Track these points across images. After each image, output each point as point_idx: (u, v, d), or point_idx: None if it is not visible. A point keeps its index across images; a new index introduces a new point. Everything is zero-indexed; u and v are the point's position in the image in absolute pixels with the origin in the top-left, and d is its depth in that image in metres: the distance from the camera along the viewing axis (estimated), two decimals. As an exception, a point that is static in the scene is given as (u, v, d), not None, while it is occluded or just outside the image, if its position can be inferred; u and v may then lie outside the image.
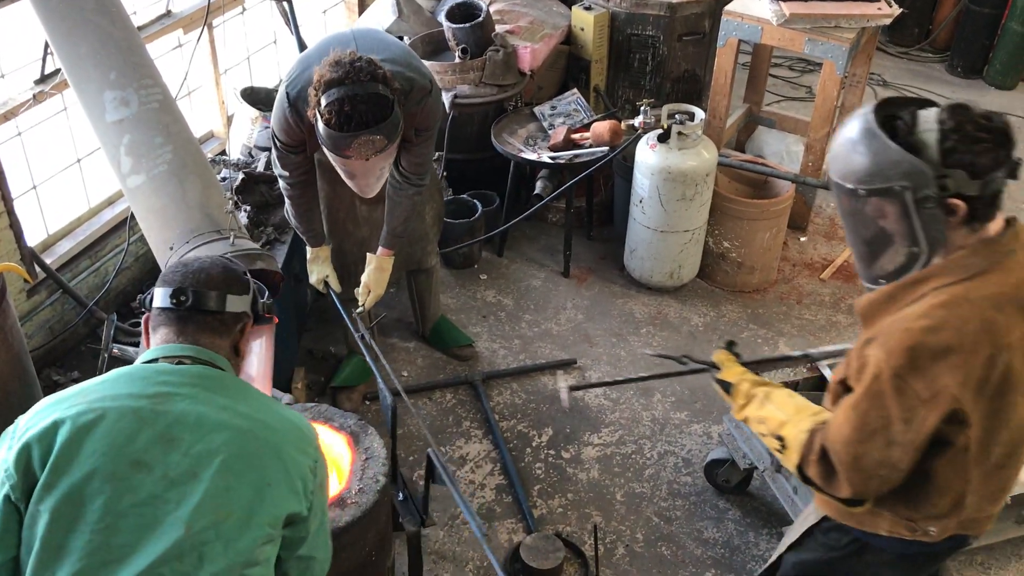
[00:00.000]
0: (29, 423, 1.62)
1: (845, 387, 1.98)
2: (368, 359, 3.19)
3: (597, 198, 5.03)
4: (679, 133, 4.21)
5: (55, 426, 1.58)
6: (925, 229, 1.83)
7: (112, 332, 3.93)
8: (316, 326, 4.33)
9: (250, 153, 4.42)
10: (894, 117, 1.84)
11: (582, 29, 5.15)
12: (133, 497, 1.55)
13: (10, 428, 1.66)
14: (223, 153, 4.68)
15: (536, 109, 4.82)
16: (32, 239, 3.86)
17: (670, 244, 4.46)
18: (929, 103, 1.89)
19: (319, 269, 3.50)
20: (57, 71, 3.52)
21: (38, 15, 2.77)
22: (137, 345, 4.02)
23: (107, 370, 3.84)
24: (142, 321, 1.81)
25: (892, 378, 1.81)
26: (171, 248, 2.54)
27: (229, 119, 4.75)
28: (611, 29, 5.20)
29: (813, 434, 2.00)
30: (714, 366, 2.44)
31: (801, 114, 5.92)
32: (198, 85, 4.58)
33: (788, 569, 2.41)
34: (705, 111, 5.17)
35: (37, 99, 3.62)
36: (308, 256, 3.50)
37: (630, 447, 3.82)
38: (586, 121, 4.73)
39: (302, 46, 4.63)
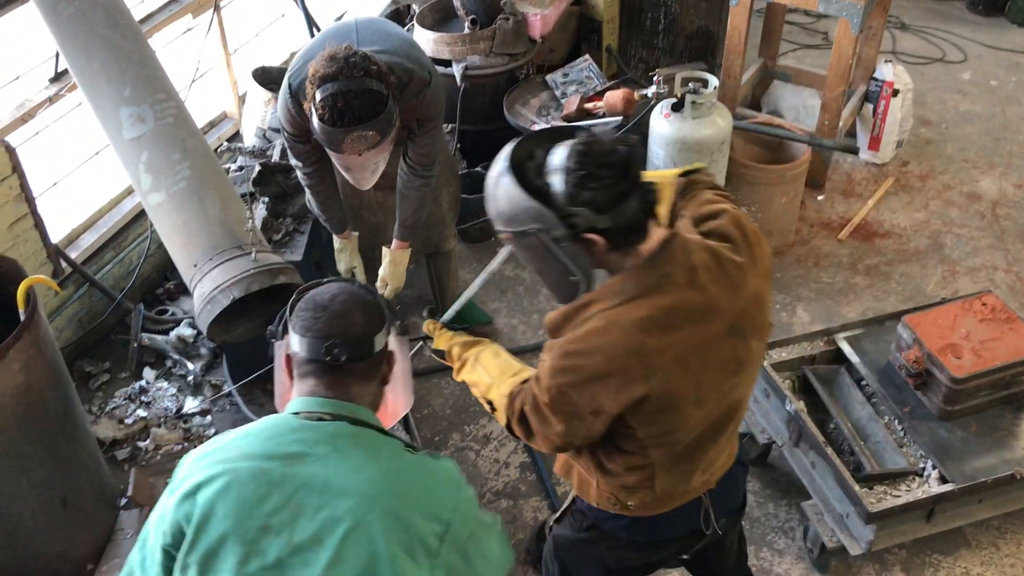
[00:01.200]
0: (182, 481, 1.67)
1: None
2: None
3: (612, 163, 5.02)
4: (693, 102, 4.18)
5: (197, 488, 1.63)
6: (574, 261, 1.91)
7: (140, 322, 4.02)
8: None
9: (265, 135, 4.44)
10: (530, 156, 1.91)
11: (592, -10, 5.09)
12: (261, 560, 1.59)
13: (175, 472, 1.73)
14: (237, 136, 4.71)
15: (548, 77, 4.79)
16: (56, 235, 3.92)
17: (686, 212, 4.46)
18: (570, 134, 1.95)
19: (347, 259, 3.55)
20: (70, 69, 3.55)
21: (51, 31, 2.78)
22: (166, 333, 4.11)
23: (138, 359, 3.95)
24: (283, 359, 1.81)
25: (556, 394, 1.94)
26: (195, 266, 2.59)
27: (241, 98, 4.75)
28: (622, -12, 5.13)
29: (513, 398, 2.11)
30: (428, 337, 2.51)
31: (817, 65, 5.85)
32: (209, 68, 4.58)
33: (550, 539, 2.55)
34: (719, 68, 5.12)
35: (53, 100, 3.65)
36: (336, 246, 3.55)
37: (651, 420, 3.89)
38: (599, 89, 4.70)
39: (311, 23, 4.61)
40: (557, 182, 1.84)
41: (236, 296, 2.51)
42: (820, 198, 5.07)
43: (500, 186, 1.93)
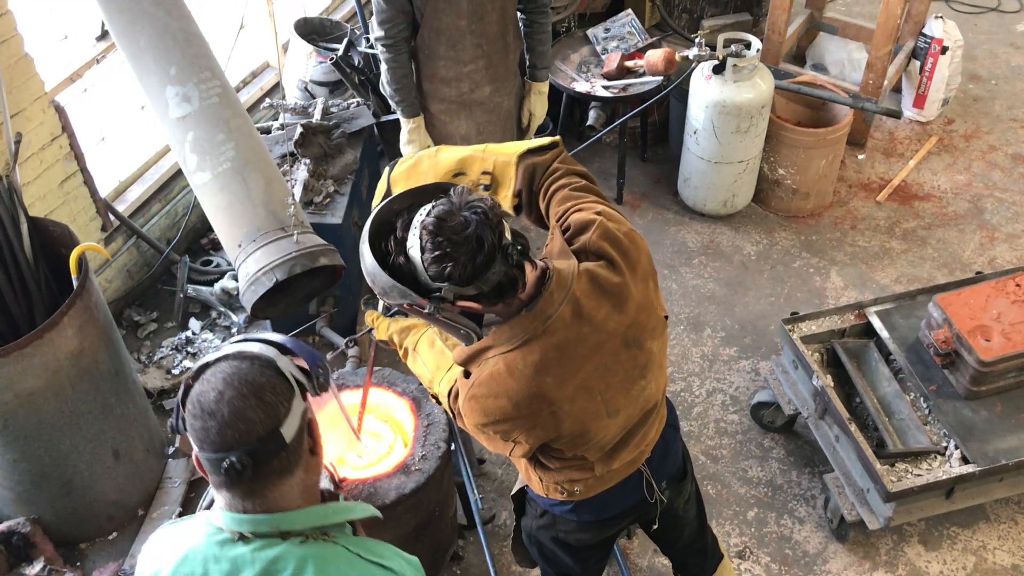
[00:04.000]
0: None
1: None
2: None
3: (651, 119, 5.00)
4: (735, 65, 4.14)
5: None
6: (455, 321, 1.95)
7: (186, 273, 4.15)
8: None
9: (307, 89, 4.48)
10: (391, 228, 1.87)
11: (637, -62, 4.99)
12: None
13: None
14: (278, 87, 4.75)
15: (589, 32, 4.75)
16: (104, 188, 4.03)
17: (724, 175, 4.46)
18: (431, 195, 1.90)
19: (420, 139, 3.68)
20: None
21: (99, 5, 2.83)
22: (211, 284, 4.24)
23: (184, 310, 4.07)
24: (194, 460, 1.59)
25: (474, 427, 2.05)
26: (239, 246, 2.68)
27: (284, 47, 4.78)
28: (668, -63, 5.03)
29: (450, 396, 2.17)
30: (371, 330, 2.53)
31: (866, 14, 5.73)
32: (252, 18, 4.60)
33: (521, 528, 2.65)
34: (765, 18, 5.04)
35: (99, 60, 3.71)
36: (407, 128, 3.66)
37: (679, 384, 3.97)
38: (640, 46, 4.65)
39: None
40: (415, 260, 1.82)
41: (279, 278, 2.60)
42: (861, 157, 5.02)
43: (365, 261, 1.91)
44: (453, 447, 3.25)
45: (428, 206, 1.83)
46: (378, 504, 2.76)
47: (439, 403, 2.31)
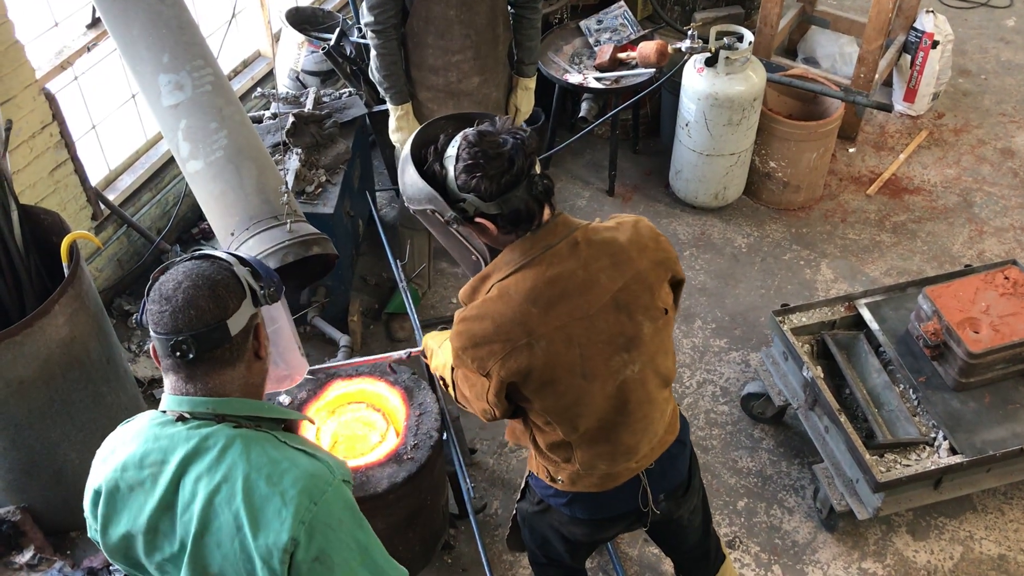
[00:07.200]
0: (89, 486, 1.78)
1: None
2: (409, 306, 3.38)
3: (643, 110, 5.01)
4: (727, 58, 4.15)
5: (96, 494, 1.74)
6: (469, 241, 2.08)
7: (176, 263, 4.13)
8: (369, 250, 4.47)
9: (298, 78, 4.46)
10: (433, 140, 2.04)
11: (630, -71, 4.98)
12: (162, 555, 1.72)
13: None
14: (270, 75, 4.73)
15: (582, 24, 4.75)
16: (94, 176, 4.01)
17: (716, 167, 4.47)
18: (476, 120, 2.04)
19: (408, 126, 3.69)
20: (107, 15, 3.58)
21: (90, -8, 2.82)
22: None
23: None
24: (150, 349, 1.72)
25: (456, 354, 2.10)
26: (232, 235, 2.67)
27: (275, 36, 4.76)
28: (660, -71, 5.02)
29: (454, 371, 2.28)
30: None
31: (857, 7, 5.74)
32: (243, 6, 4.58)
33: (517, 513, 2.68)
34: (757, 11, 5.05)
35: (90, 48, 3.69)
36: (396, 115, 3.69)
37: (670, 375, 3.98)
38: (633, 38, 4.65)
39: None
40: (449, 169, 1.97)
41: (272, 268, 2.59)
42: (852, 151, 5.04)
43: (403, 166, 2.06)
44: (445, 437, 3.25)
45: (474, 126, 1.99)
46: (370, 493, 2.77)
47: (446, 386, 2.38)
